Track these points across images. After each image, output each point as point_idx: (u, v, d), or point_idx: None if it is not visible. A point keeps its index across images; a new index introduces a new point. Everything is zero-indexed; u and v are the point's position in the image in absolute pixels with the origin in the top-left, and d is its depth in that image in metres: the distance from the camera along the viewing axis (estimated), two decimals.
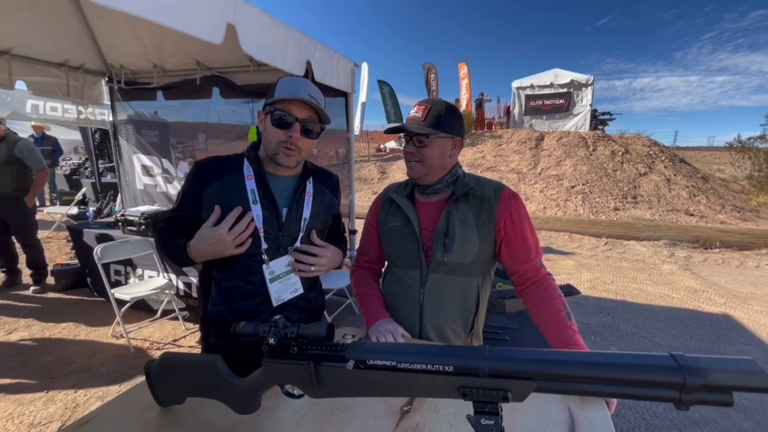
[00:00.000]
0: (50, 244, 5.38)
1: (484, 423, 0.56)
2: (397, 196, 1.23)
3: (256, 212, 1.02)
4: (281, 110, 0.99)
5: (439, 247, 1.13)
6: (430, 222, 1.17)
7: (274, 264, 1.06)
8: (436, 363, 0.57)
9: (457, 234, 1.11)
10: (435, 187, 1.18)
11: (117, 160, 4.34)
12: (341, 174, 3.53)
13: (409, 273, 1.19)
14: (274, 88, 1.03)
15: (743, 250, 6.04)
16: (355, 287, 1.33)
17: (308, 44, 2.51)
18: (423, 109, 1.12)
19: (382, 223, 1.27)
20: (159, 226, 1.11)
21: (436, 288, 1.15)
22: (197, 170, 1.05)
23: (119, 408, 0.83)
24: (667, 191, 9.06)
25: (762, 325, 3.52)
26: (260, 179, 1.05)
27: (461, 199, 1.15)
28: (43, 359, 2.62)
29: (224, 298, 1.06)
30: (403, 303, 1.21)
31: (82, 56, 3.45)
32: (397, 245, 1.22)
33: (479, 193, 1.15)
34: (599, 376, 0.52)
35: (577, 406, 0.83)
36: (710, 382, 0.46)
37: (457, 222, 1.13)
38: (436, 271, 1.15)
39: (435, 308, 1.16)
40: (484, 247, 1.13)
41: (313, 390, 0.66)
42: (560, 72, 13.41)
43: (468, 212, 1.14)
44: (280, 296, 1.07)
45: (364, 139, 17.43)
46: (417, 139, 1.13)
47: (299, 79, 1.05)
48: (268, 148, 1.04)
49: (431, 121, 1.11)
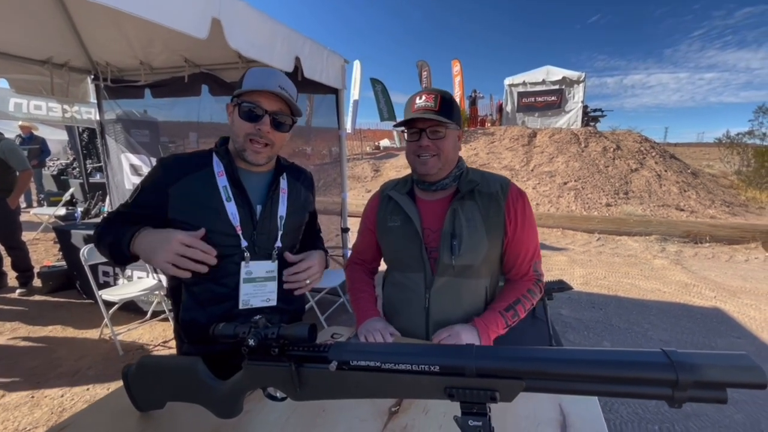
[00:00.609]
0: (37, 245, 5.28)
1: (472, 424, 0.54)
2: (397, 194, 1.15)
3: (231, 210, 0.97)
4: (249, 102, 0.94)
5: (446, 249, 1.05)
6: (433, 221, 1.09)
7: (254, 265, 1.01)
8: (422, 363, 0.55)
9: (465, 235, 1.04)
10: (443, 182, 1.10)
11: (105, 159, 4.26)
12: (333, 172, 3.50)
13: (411, 277, 1.12)
14: (242, 79, 0.97)
15: (732, 244, 6.11)
16: (349, 283, 1.29)
17: (297, 40, 2.47)
18: (433, 98, 1.03)
19: (380, 223, 1.18)
20: (105, 217, 1.02)
21: (443, 292, 1.08)
22: (162, 167, 0.98)
23: (96, 414, 0.80)
24: (658, 187, 9.14)
25: (752, 318, 3.56)
26: (232, 175, 0.99)
27: (467, 196, 1.07)
28: (28, 363, 2.56)
29: (196, 302, 1.00)
30: (408, 309, 1.14)
31: (66, 53, 3.37)
32: (398, 247, 1.14)
33: (485, 189, 1.08)
34: (590, 374, 0.50)
35: (568, 403, 0.81)
36: (703, 379, 0.45)
37: (464, 222, 1.05)
38: (443, 274, 1.07)
39: (443, 313, 1.09)
40: (492, 248, 1.07)
41: (296, 392, 0.63)
42: (552, 69, 13.45)
43: (475, 211, 1.06)
44: (249, 300, 1.01)
45: (357, 137, 17.37)
46: (431, 131, 1.03)
47: (269, 70, 1.00)
48: (236, 143, 0.99)
49: (444, 109, 1.01)
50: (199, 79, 3.37)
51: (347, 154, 3.56)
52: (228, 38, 1.89)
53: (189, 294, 1.00)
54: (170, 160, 1.01)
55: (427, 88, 1.09)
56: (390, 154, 15.34)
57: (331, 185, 3.50)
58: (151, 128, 4.18)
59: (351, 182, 11.44)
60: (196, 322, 0.99)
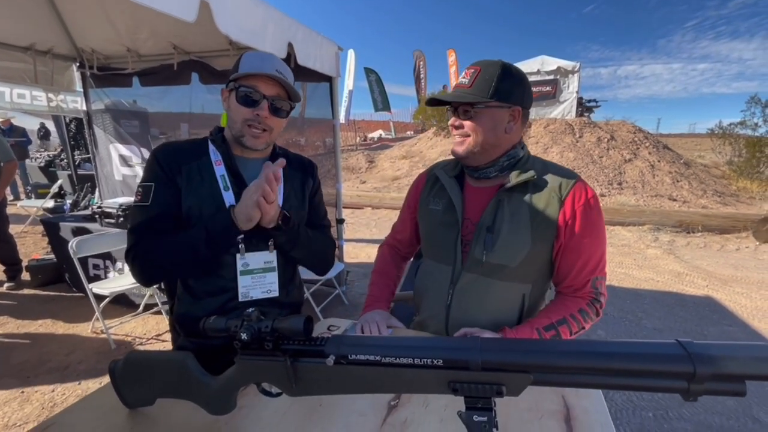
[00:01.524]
0: (25, 238, 5.18)
1: (477, 420, 0.52)
2: (444, 175, 1.04)
3: (229, 200, 0.94)
4: (247, 87, 0.90)
5: (479, 242, 0.95)
6: (477, 212, 0.98)
7: (250, 257, 0.97)
8: (424, 356, 0.52)
9: (504, 230, 0.93)
10: (486, 170, 0.97)
11: (92, 150, 4.17)
12: (328, 163, 3.45)
13: (441, 267, 1.03)
14: (237, 63, 0.94)
15: (724, 233, 6.17)
16: (376, 264, 1.22)
17: (290, 25, 2.40)
18: (471, 73, 0.92)
19: (422, 203, 1.10)
20: (134, 241, 0.91)
21: (467, 290, 0.98)
22: (162, 158, 0.93)
23: (82, 412, 0.77)
24: (651, 177, 9.19)
25: (743, 307, 3.60)
26: (229, 164, 0.96)
27: (518, 188, 0.95)
28: (18, 358, 2.51)
29: (192, 295, 0.97)
30: (431, 301, 1.06)
31: (49, 40, 3.26)
32: (434, 233, 1.05)
33: (542, 183, 0.95)
34: (602, 366, 0.47)
35: (571, 395, 0.80)
36: (723, 371, 0.42)
37: (507, 215, 0.94)
38: (471, 270, 0.97)
39: (463, 313, 0.99)
40: (537, 251, 0.95)
41: (291, 388, 0.60)
42: (547, 59, 13.37)
43: (523, 205, 0.94)
44: (248, 292, 0.98)
45: (351, 128, 17.22)
46: (462, 109, 0.94)
47: (265, 54, 0.96)
48: (234, 129, 0.95)
49: (480, 86, 0.90)
50: (189, 66, 3.28)
51: (341, 145, 3.50)
52: (217, 22, 1.82)
53: (184, 287, 0.98)
54: (167, 150, 0.96)
55: (479, 61, 0.99)
56: (384, 145, 15.24)
57: (325, 176, 3.46)
58: (140, 119, 4.08)
59: (345, 173, 11.36)
60: (191, 316, 0.97)
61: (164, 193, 0.91)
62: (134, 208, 0.94)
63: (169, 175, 0.92)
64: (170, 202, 0.92)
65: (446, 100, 0.96)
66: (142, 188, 0.92)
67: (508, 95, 0.92)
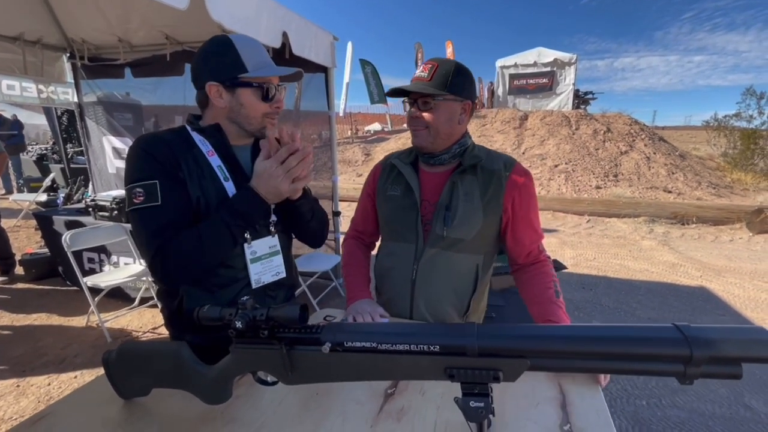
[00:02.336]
0: (18, 232, 5.13)
1: (473, 405, 0.52)
2: (400, 163, 1.13)
3: (231, 190, 0.92)
4: (261, 83, 0.90)
5: (439, 220, 1.05)
6: (433, 194, 1.08)
7: (257, 244, 0.97)
8: (421, 342, 0.52)
9: (460, 207, 1.04)
10: (441, 157, 1.08)
11: (85, 142, 4.11)
12: (324, 156, 3.42)
13: (403, 247, 1.12)
14: (227, 54, 0.89)
15: (718, 225, 6.22)
16: (343, 258, 1.26)
17: (284, 14, 2.36)
18: (429, 68, 1.01)
19: (380, 191, 1.18)
20: (159, 245, 0.83)
21: (430, 264, 1.08)
22: (157, 149, 0.86)
23: (77, 403, 0.76)
24: (647, 169, 9.22)
25: (736, 297, 3.64)
26: (225, 153, 0.94)
27: (468, 171, 1.07)
28: (13, 352, 2.50)
29: (203, 289, 0.93)
30: (394, 279, 1.13)
31: (38, 29, 3.20)
32: (395, 216, 1.13)
33: (488, 166, 1.07)
34: (599, 351, 0.47)
35: (567, 382, 0.80)
36: (719, 354, 0.42)
37: (461, 195, 1.05)
38: (433, 245, 1.07)
39: (428, 285, 1.08)
40: (488, 224, 1.06)
41: (287, 376, 0.60)
42: (544, 50, 13.31)
43: (474, 185, 1.05)
44: (260, 278, 0.99)
45: (348, 121, 17.12)
46: (422, 102, 1.02)
47: (252, 41, 0.93)
48: (251, 124, 0.93)
49: (438, 81, 1.00)
50: (182, 57, 3.22)
51: (337, 138, 3.48)
52: (210, 10, 1.79)
53: (192, 282, 0.93)
54: (156, 142, 0.88)
55: (435, 57, 1.04)
56: (380, 137, 15.18)
57: (321, 169, 3.44)
58: (134, 111, 4.03)
59: (341, 166, 11.31)
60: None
61: (172, 188, 0.85)
62: (141, 211, 0.83)
63: (170, 169, 0.86)
64: (182, 197, 0.86)
65: (410, 90, 1.02)
66: (143, 188, 0.82)
67: (462, 90, 1.02)
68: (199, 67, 0.91)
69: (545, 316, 1.00)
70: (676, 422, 2.00)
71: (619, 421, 2.00)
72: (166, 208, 0.83)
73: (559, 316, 0.99)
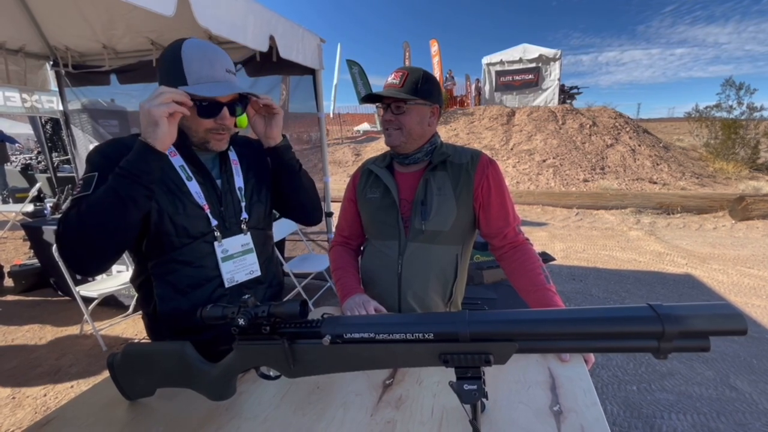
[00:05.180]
0: (5, 244, 5.05)
1: (467, 388, 0.55)
2: (376, 168, 1.21)
3: (194, 189, 0.93)
4: (201, 99, 0.86)
5: (417, 215, 1.12)
6: (410, 192, 1.16)
7: (227, 242, 0.98)
8: (416, 331, 0.55)
9: (435, 202, 1.11)
10: (414, 156, 1.16)
11: (71, 151, 4.06)
12: (314, 158, 3.44)
13: (387, 244, 1.18)
14: (175, 62, 0.85)
15: (702, 213, 6.38)
16: (332, 264, 1.30)
17: (271, 18, 2.37)
18: (400, 76, 1.10)
19: (360, 195, 1.25)
20: (68, 208, 0.80)
21: (414, 257, 1.14)
22: (113, 149, 0.85)
23: (83, 405, 0.78)
24: (632, 161, 9.40)
25: (720, 282, 3.75)
26: (187, 153, 0.94)
27: (439, 167, 1.14)
28: (6, 364, 2.48)
29: (175, 291, 0.94)
30: (382, 275, 1.19)
31: (20, 38, 3.16)
32: (376, 217, 1.20)
33: (457, 160, 1.15)
34: (580, 331, 0.51)
35: (556, 366, 0.84)
36: (688, 329, 0.46)
37: (434, 190, 1.12)
38: (414, 239, 1.14)
39: (413, 278, 1.14)
40: (462, 215, 1.13)
41: (290, 369, 0.63)
42: (529, 47, 13.47)
43: (446, 180, 1.13)
44: (233, 277, 0.99)
45: (337, 121, 17.10)
46: (395, 106, 1.10)
47: (211, 53, 0.88)
48: (195, 137, 0.92)
49: (409, 87, 1.08)
50: None
51: (327, 139, 3.50)
52: (197, 16, 1.79)
53: (164, 284, 0.94)
54: (112, 144, 0.88)
55: (404, 66, 1.10)
56: (370, 137, 15.20)
57: (312, 171, 3.45)
58: (120, 118, 3.99)
59: (332, 167, 11.31)
60: (178, 311, 0.94)
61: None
62: (74, 201, 0.80)
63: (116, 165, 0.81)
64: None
65: (384, 95, 1.09)
66: (83, 180, 0.81)
67: (430, 95, 1.11)
68: (158, 69, 0.92)
69: (543, 304, 1.03)
70: (666, 405, 2.07)
71: (611, 406, 2.06)
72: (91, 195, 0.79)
73: (556, 302, 1.03)
